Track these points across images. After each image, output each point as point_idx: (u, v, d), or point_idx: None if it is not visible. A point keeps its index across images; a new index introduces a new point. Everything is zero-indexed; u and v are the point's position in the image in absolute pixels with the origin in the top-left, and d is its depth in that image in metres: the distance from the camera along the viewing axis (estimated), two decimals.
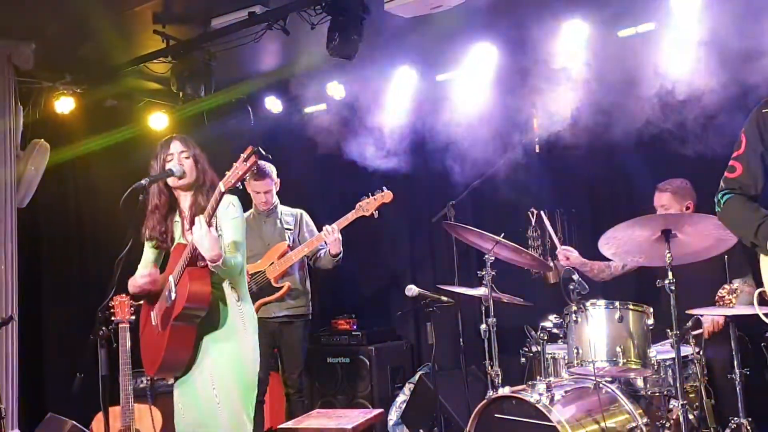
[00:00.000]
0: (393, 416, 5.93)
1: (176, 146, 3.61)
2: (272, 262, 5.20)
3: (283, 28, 5.07)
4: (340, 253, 5.15)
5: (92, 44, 5.62)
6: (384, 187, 5.06)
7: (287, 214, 5.41)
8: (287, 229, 5.34)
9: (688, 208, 4.68)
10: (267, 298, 5.18)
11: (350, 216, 5.07)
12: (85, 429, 5.11)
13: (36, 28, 5.51)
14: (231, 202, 3.56)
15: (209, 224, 3.31)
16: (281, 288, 5.18)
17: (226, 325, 3.52)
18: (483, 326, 4.46)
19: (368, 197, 5.06)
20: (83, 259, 6.61)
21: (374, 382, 6.29)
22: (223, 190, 3.29)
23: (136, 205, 3.44)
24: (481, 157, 5.76)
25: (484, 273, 4.45)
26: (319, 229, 5.27)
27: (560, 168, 5.80)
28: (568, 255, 4.82)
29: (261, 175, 5.20)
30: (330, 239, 5.05)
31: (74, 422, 5.20)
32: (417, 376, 5.91)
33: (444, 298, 4.92)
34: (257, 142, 3.32)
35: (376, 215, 5.05)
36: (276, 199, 5.36)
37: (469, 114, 5.91)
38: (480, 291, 4.56)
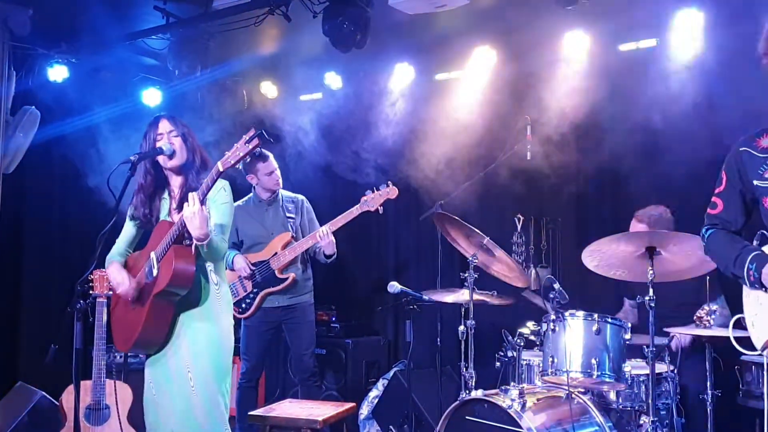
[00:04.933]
0: (364, 411, 5.92)
1: (164, 125, 3.57)
2: (275, 252, 5.14)
3: (284, 14, 5.05)
4: (333, 254, 5.14)
5: (90, 14, 5.57)
6: (389, 182, 4.96)
7: (288, 201, 5.36)
8: (289, 217, 5.28)
9: None
10: (271, 289, 5.16)
11: (354, 211, 4.98)
12: (54, 400, 5.08)
13: None
14: (223, 186, 3.54)
15: (202, 202, 3.29)
16: (286, 279, 5.14)
17: (204, 306, 3.50)
18: (461, 328, 4.47)
19: (373, 192, 4.96)
20: (66, 230, 6.56)
21: (348, 375, 6.29)
22: (221, 170, 3.24)
23: (122, 180, 3.41)
24: (472, 160, 5.77)
25: (467, 275, 4.45)
26: (319, 220, 5.24)
27: (549, 176, 5.80)
28: None
29: (263, 156, 5.17)
30: (323, 243, 5.03)
31: (44, 393, 5.18)
32: (392, 373, 5.89)
33: (426, 297, 4.91)
34: (253, 124, 3.29)
35: (380, 211, 4.97)
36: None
37: (464, 115, 5.91)
38: (460, 294, 4.58)
